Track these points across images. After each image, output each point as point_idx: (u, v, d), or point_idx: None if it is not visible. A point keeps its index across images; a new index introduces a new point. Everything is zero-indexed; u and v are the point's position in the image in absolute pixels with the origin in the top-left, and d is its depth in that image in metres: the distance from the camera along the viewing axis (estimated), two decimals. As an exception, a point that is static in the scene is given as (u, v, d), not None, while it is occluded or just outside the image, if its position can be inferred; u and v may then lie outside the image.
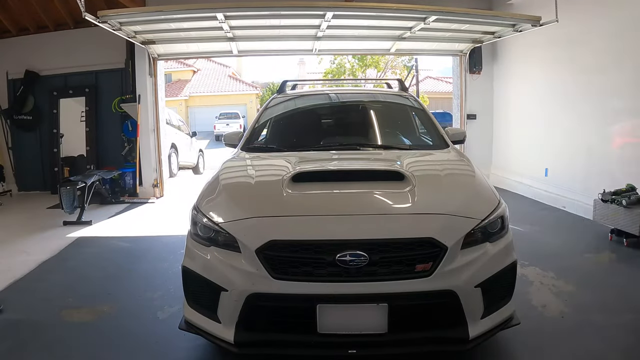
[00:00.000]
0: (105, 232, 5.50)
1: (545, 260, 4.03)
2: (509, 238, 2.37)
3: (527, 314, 2.94)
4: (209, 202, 2.46)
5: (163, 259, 4.37)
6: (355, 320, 2.08)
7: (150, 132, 7.60)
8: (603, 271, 3.88)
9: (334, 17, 5.72)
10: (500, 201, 2.41)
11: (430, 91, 31.10)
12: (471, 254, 2.15)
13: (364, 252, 2.03)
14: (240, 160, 3.17)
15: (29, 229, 5.62)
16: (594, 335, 2.75)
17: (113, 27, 5.58)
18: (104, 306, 3.29)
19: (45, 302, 3.41)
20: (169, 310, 3.20)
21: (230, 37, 6.62)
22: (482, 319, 2.16)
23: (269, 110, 3.98)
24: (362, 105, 4.06)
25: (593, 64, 5.55)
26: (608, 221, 4.55)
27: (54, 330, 2.95)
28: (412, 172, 2.54)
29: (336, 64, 22.45)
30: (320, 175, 2.64)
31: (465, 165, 2.91)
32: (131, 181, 7.63)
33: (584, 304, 3.17)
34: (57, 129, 8.07)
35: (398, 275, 2.05)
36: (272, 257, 2.07)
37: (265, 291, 2.07)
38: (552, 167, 6.44)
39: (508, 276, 2.29)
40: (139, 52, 7.30)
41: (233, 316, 2.12)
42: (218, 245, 2.23)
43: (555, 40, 6.19)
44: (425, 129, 3.80)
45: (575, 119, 5.95)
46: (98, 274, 4.01)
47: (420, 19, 5.93)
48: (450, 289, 2.06)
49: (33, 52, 7.99)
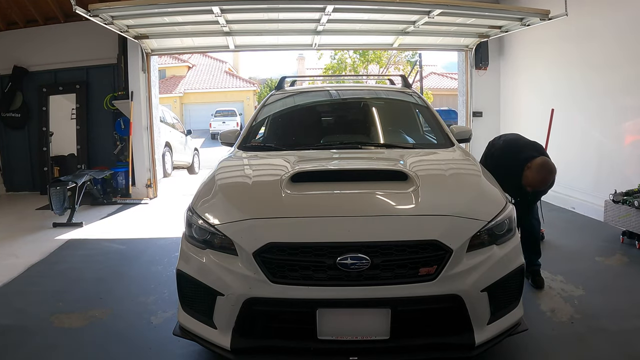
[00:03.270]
0: (97, 234, 5.50)
1: (554, 263, 4.03)
2: (517, 240, 2.37)
3: (535, 320, 2.95)
4: (204, 203, 2.46)
5: (157, 262, 4.37)
6: (357, 325, 2.08)
7: (143, 130, 7.60)
8: (614, 275, 3.88)
9: (334, 10, 5.71)
10: (507, 202, 2.42)
11: (435, 88, 31.10)
12: (477, 257, 2.15)
13: (365, 255, 2.03)
14: (237, 160, 3.17)
15: (17, 231, 5.62)
16: (604, 341, 2.75)
17: (105, 20, 5.58)
18: (96, 311, 3.29)
19: (35, 306, 3.41)
20: (163, 316, 3.20)
21: (227, 32, 6.62)
22: (488, 325, 2.16)
23: (267, 108, 3.98)
24: (364, 103, 4.06)
25: (604, 60, 5.55)
26: (619, 223, 4.55)
27: (44, 336, 2.94)
28: (416, 171, 2.54)
29: (337, 59, 22.45)
30: (320, 175, 2.64)
31: (471, 164, 2.91)
32: (123, 181, 7.63)
33: (594, 309, 3.17)
34: (46, 127, 8.06)
35: (401, 279, 2.05)
36: (270, 260, 2.07)
37: (263, 296, 2.07)
38: (562, 166, 6.40)
39: (515, 280, 2.29)
40: (131, 47, 7.30)
41: (229, 322, 2.11)
42: (214, 248, 2.23)
43: (565, 35, 6.19)
44: (430, 127, 3.81)
45: (585, 116, 5.95)
46: (89, 278, 4.01)
47: (424, 13, 5.93)
48: (455, 294, 2.06)
49: (21, 47, 7.98)
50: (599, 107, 5.70)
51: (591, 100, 5.83)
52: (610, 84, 5.46)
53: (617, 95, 5.38)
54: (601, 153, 5.67)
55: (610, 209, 4.67)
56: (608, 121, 5.53)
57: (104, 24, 5.67)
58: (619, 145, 5.37)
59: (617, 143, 5.41)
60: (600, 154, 5.69)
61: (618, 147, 5.39)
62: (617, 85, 5.35)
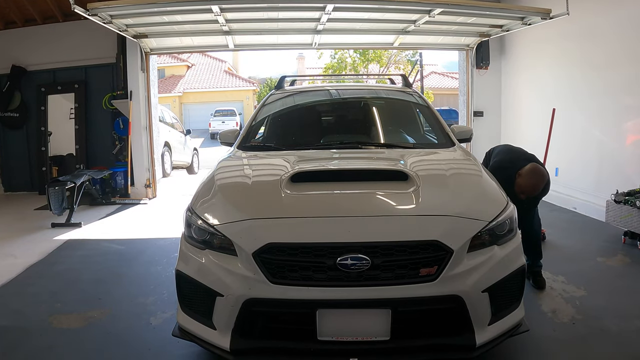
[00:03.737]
0: (96, 235, 5.50)
1: (555, 264, 4.03)
2: (518, 241, 2.37)
3: (536, 320, 2.95)
4: (203, 203, 2.46)
5: (156, 263, 4.37)
6: (357, 326, 2.08)
7: (142, 130, 7.60)
8: (616, 275, 3.88)
9: (334, 9, 5.72)
10: (509, 202, 2.42)
11: (435, 87, 31.10)
12: (478, 258, 2.15)
13: (366, 255, 2.03)
14: (237, 160, 3.17)
15: (15, 231, 5.62)
16: (606, 342, 2.75)
17: (103, 20, 5.58)
18: (94, 312, 3.29)
19: (33, 307, 3.41)
20: (162, 317, 3.20)
21: (226, 31, 6.62)
22: (489, 326, 2.16)
23: (266, 107, 3.98)
24: (364, 102, 4.07)
25: (606, 59, 5.55)
26: (621, 223, 4.55)
27: (42, 337, 2.95)
28: (416, 171, 2.54)
29: (337, 58, 22.46)
30: (320, 175, 2.64)
31: (472, 164, 2.91)
32: (122, 181, 7.63)
33: (596, 310, 3.17)
34: (45, 126, 8.08)
35: (401, 280, 2.05)
36: (270, 261, 2.07)
37: (263, 296, 2.07)
38: (563, 166, 6.44)
39: (517, 281, 2.29)
40: (130, 47, 7.30)
41: (229, 322, 2.12)
42: (213, 248, 2.23)
43: (567, 34, 6.20)
44: (430, 127, 3.81)
45: (587, 116, 5.95)
46: (88, 278, 4.01)
47: (425, 12, 5.93)
48: (456, 294, 2.06)
49: (20, 46, 7.98)
50: (600, 106, 5.70)
51: (593, 100, 5.83)
52: (612, 83, 5.46)
53: (619, 94, 5.38)
54: (603, 153, 5.67)
55: (611, 209, 4.67)
56: (610, 121, 5.54)
57: (103, 23, 5.67)
58: (621, 144, 5.37)
59: (618, 143, 5.41)
60: (601, 154, 5.69)
61: (620, 147, 5.39)
62: (619, 85, 5.35)
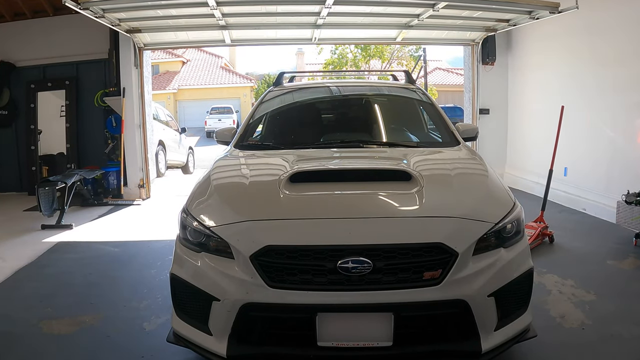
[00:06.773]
0: (87, 237, 5.50)
1: (564, 267, 4.03)
2: (525, 243, 2.37)
3: (544, 326, 2.95)
4: (199, 204, 2.46)
5: (150, 266, 4.37)
6: (358, 331, 2.07)
7: (135, 128, 7.61)
8: (627, 279, 3.88)
9: (335, 3, 5.72)
10: (516, 203, 2.42)
11: (440, 83, 31.14)
12: (484, 261, 2.14)
13: (367, 258, 2.02)
14: (234, 159, 3.17)
15: (4, 233, 5.62)
16: (616, 349, 2.75)
17: (95, 14, 5.58)
18: (86, 316, 3.29)
19: (22, 312, 3.41)
20: (156, 321, 3.20)
21: (223, 25, 6.63)
22: (495, 331, 2.16)
23: (264, 105, 3.98)
24: (366, 99, 4.06)
25: (616, 55, 5.55)
26: (632, 225, 4.55)
27: (32, 343, 2.95)
28: (420, 171, 2.54)
29: (337, 54, 22.48)
30: (320, 175, 2.64)
31: (478, 164, 2.91)
32: (115, 181, 7.63)
33: (606, 315, 3.17)
34: (34, 124, 8.07)
35: (404, 284, 2.05)
36: (268, 264, 2.07)
37: (261, 301, 2.06)
38: (572, 166, 6.45)
39: (524, 284, 2.29)
40: (123, 42, 7.31)
41: (225, 328, 2.11)
42: (209, 251, 2.23)
43: (575, 30, 6.20)
44: (434, 125, 3.80)
45: (596, 114, 5.95)
46: (79, 282, 4.01)
47: (428, 5, 5.94)
48: (461, 299, 2.06)
49: (8, 41, 7.98)
50: (610, 104, 5.70)
51: (602, 97, 5.83)
52: (623, 79, 5.46)
53: (629, 91, 5.37)
54: (613, 152, 5.67)
55: (622, 210, 4.68)
56: (620, 118, 5.53)
57: (95, 17, 5.67)
58: (632, 143, 5.37)
59: (629, 141, 5.40)
60: (612, 153, 5.69)
61: (631, 146, 5.38)
62: (630, 81, 5.34)
